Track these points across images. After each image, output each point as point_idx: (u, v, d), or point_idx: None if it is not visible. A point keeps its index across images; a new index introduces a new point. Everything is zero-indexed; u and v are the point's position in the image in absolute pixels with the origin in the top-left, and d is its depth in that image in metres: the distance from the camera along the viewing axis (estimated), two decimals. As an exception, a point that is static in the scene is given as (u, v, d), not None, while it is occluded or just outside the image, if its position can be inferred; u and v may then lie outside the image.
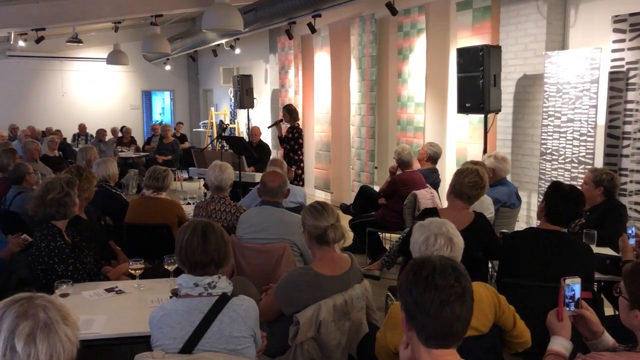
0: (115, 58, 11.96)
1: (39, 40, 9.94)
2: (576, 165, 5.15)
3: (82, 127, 13.39)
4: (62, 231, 3.37)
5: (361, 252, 6.17)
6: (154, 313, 2.19)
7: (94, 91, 15.33)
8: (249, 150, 7.53)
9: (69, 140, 12.74)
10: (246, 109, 11.03)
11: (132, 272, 3.22)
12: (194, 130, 15.75)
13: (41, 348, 1.35)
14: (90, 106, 15.19)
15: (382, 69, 8.01)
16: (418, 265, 1.57)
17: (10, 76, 14.25)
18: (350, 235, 6.43)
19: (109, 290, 3.16)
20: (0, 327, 1.35)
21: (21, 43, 12.12)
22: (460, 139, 6.58)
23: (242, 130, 12.62)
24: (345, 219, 6.65)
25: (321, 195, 9.81)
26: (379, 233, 6.16)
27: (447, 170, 6.82)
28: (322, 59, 9.37)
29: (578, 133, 5.11)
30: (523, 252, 3.07)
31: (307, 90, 10.19)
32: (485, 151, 5.68)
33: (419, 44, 7.09)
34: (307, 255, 3.72)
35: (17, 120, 13.46)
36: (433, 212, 3.52)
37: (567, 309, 2.02)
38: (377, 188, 7.18)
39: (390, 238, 6.53)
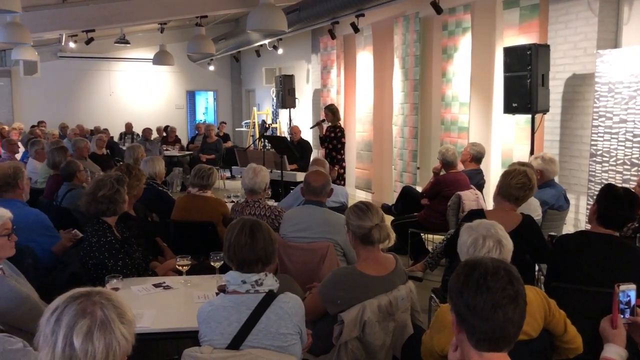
0: (161, 59, 12.21)
1: (88, 41, 10.24)
2: (628, 167, 4.98)
3: (128, 126, 13.74)
4: (112, 227, 3.46)
5: (403, 253, 6.11)
6: (202, 308, 2.22)
7: (140, 91, 15.69)
8: (290, 149, 7.57)
9: (115, 139, 13.08)
10: (288, 109, 11.12)
11: (180, 268, 3.28)
12: (236, 129, 15.95)
13: (98, 346, 1.38)
14: (136, 105, 15.57)
15: (425, 69, 7.94)
16: (469, 267, 1.55)
17: (61, 76, 14.72)
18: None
19: (157, 285, 3.23)
20: (60, 323, 1.38)
21: (72, 44, 12.52)
22: (505, 140, 6.46)
23: (283, 130, 12.71)
24: (387, 220, 6.62)
25: (362, 196, 9.79)
26: (422, 234, 6.10)
27: (492, 171, 6.71)
28: (364, 58, 9.34)
29: (631, 134, 4.95)
30: (574, 256, 2.99)
31: (349, 90, 10.18)
32: (532, 152, 5.56)
33: (464, 43, 6.99)
34: (350, 255, 3.72)
35: (67, 119, 13.91)
36: (479, 213, 3.47)
37: (622, 316, 1.96)
38: (419, 189, 7.12)
39: (432, 239, 6.46)
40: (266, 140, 9.40)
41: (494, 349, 1.52)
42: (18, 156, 8.17)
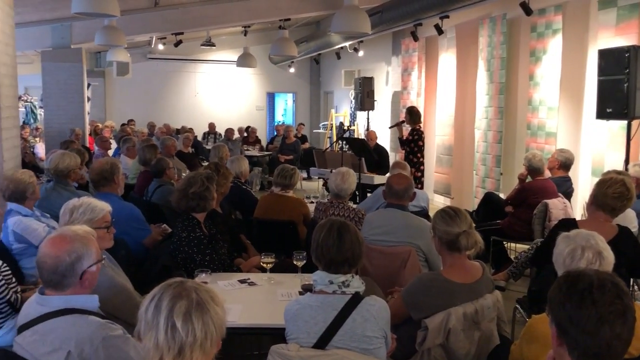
0: (244, 61, 12.54)
1: (177, 43, 10.68)
2: None
3: (211, 126, 14.20)
4: (200, 223, 3.59)
5: (484, 261, 5.94)
6: (289, 306, 2.26)
7: (223, 92, 16.18)
8: (369, 152, 7.56)
9: (199, 139, 13.55)
10: (366, 111, 11.10)
11: (264, 265, 3.35)
12: (314, 131, 16.11)
13: (197, 324, 1.48)
14: (219, 106, 16.06)
15: (511, 71, 7.69)
16: (572, 277, 1.48)
17: (150, 77, 15.43)
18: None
19: (242, 281, 3.32)
20: (160, 308, 1.49)
21: (160, 46, 13.10)
22: (597, 147, 6.14)
23: (361, 133, 12.70)
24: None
25: (440, 200, 9.62)
26: (504, 242, 5.91)
27: (580, 179, 6.40)
28: (447, 60, 9.18)
29: None
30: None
31: (430, 93, 10.04)
32: (627, 160, 5.25)
33: (554, 45, 6.71)
34: (432, 260, 3.67)
35: (154, 118, 14.57)
36: (571, 223, 3.32)
37: None
38: (502, 195, 6.91)
39: (515, 248, 6.25)
40: (344, 142, 9.41)
41: (597, 366, 1.45)
42: (110, 152, 8.63)
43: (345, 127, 11.28)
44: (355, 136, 12.67)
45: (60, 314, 1.99)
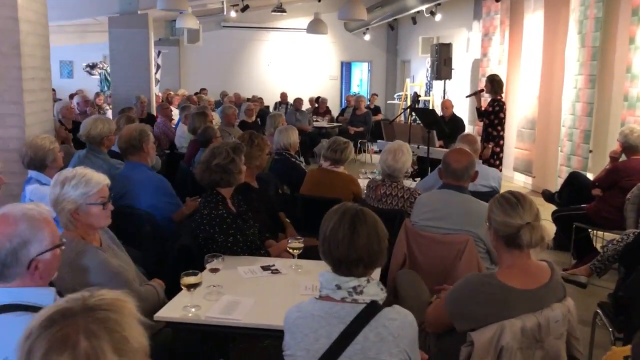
0: (314, 27, 12.01)
1: (244, 8, 10.33)
2: None
3: (283, 96, 13.89)
4: (226, 199, 3.19)
5: (565, 250, 5.24)
6: (289, 313, 1.80)
7: (296, 61, 15.79)
8: (440, 124, 6.90)
9: (271, 109, 13.28)
10: (442, 81, 10.33)
11: (290, 251, 2.90)
12: (388, 102, 15.42)
13: None
14: (291, 75, 15.70)
15: (608, 34, 6.70)
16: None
17: (224, 46, 15.29)
18: (550, 229, 5.52)
19: (265, 268, 2.90)
20: (31, 357, 1.01)
21: (233, 14, 12.84)
22: None
23: (436, 104, 11.93)
24: (547, 209, 5.73)
25: (521, 179, 8.78)
26: (589, 230, 5.15)
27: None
28: (533, 24, 8.23)
29: None
30: None
31: (513, 60, 9.10)
32: None
33: (662, 1, 5.72)
34: (495, 252, 3.08)
35: (228, 87, 14.45)
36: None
37: None
38: (590, 176, 6.08)
39: (603, 237, 5.44)
40: (413, 113, 8.75)
41: None
42: (174, 122, 8.47)
43: (418, 97, 10.55)
44: (431, 107, 11.93)
45: (2, 310, 1.63)
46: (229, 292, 2.57)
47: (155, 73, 11.96)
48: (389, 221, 3.73)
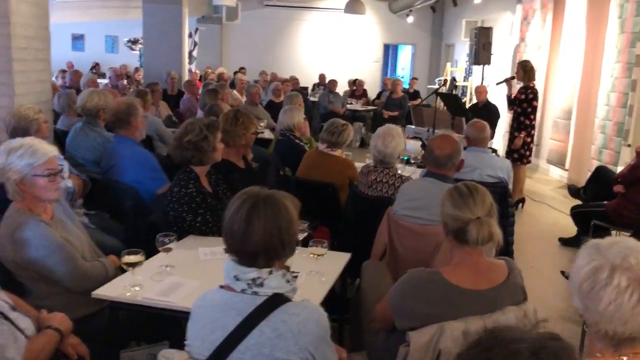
0: (352, 7, 11.76)
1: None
2: None
3: (322, 77, 13.73)
4: (199, 177, 3.10)
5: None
6: (195, 301, 1.69)
7: (337, 42, 15.54)
8: (464, 110, 6.63)
9: (309, 90, 13.13)
10: (481, 66, 9.92)
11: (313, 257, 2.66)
12: (428, 86, 15.01)
13: None
14: (332, 57, 15.48)
15: (652, 19, 6.22)
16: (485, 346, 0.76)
17: (265, 25, 15.20)
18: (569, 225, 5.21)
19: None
20: None
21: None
22: None
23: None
24: (570, 204, 5.42)
25: (555, 172, 8.35)
26: (610, 229, 4.81)
27: None
28: (575, 7, 7.74)
29: None
30: None
31: (553, 46, 8.60)
32: None
33: None
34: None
35: (267, 66, 14.35)
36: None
37: None
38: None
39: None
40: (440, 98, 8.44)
41: None
42: (199, 98, 8.46)
43: (455, 83, 10.19)
44: (468, 93, 11.53)
45: None
46: (180, 274, 2.48)
47: (192, 50, 12.00)
48: (375, 208, 3.60)
